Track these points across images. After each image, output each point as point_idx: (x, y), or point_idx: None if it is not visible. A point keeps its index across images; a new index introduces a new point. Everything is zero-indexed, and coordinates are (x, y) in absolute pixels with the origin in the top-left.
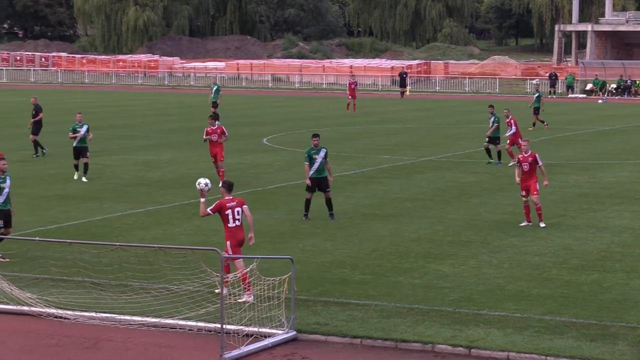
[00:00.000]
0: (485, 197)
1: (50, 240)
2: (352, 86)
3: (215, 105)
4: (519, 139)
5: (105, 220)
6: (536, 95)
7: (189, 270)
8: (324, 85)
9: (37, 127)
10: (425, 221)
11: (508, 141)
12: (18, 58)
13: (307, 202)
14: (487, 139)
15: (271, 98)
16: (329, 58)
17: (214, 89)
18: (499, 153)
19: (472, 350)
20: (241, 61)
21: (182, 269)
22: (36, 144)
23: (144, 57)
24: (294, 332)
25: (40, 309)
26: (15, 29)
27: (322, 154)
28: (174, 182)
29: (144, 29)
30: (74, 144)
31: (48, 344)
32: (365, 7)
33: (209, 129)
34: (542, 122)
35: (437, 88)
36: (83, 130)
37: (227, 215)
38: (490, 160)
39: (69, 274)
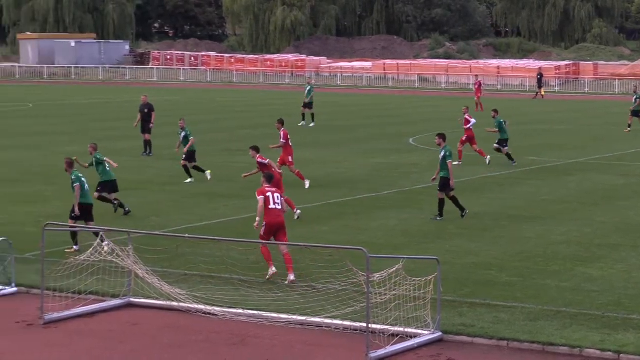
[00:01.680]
0: (635, 200)
1: (199, 238)
2: (477, 86)
3: (308, 106)
4: None
5: (253, 219)
6: (635, 97)
7: (335, 269)
8: (470, 86)
9: (146, 125)
10: (573, 224)
11: None
12: (168, 57)
13: (439, 202)
14: None
15: (417, 98)
16: (475, 58)
17: (307, 89)
18: None
19: (622, 355)
20: (388, 61)
21: (328, 268)
22: (147, 144)
23: (291, 57)
24: (440, 333)
25: (189, 305)
26: (165, 28)
27: (442, 153)
28: (319, 180)
29: (291, 29)
30: (187, 149)
31: (197, 339)
32: (513, 7)
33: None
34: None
35: (586, 89)
36: (182, 136)
37: (268, 198)
38: None
39: (218, 270)
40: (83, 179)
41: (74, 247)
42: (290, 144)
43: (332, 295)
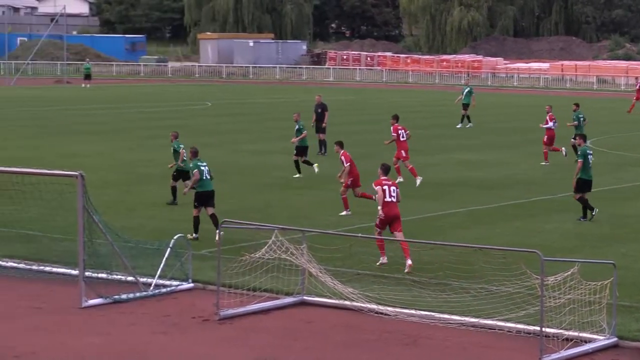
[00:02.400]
0: None
1: (372, 237)
2: (638, 87)
3: (465, 107)
4: None
5: (426, 219)
6: None
7: (509, 271)
8: None
9: (320, 125)
10: None
11: None
12: (345, 57)
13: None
14: None
15: (596, 100)
16: None
17: (466, 90)
18: None
19: None
20: (565, 62)
21: (501, 270)
22: (321, 143)
23: (467, 57)
24: (616, 339)
25: (362, 304)
26: (342, 28)
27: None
28: (495, 182)
29: (467, 29)
30: (298, 144)
31: (369, 339)
32: None
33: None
34: None
35: None
36: (296, 129)
37: (385, 191)
38: None
39: (390, 270)
40: (202, 167)
41: (194, 234)
42: (403, 139)
43: (505, 297)
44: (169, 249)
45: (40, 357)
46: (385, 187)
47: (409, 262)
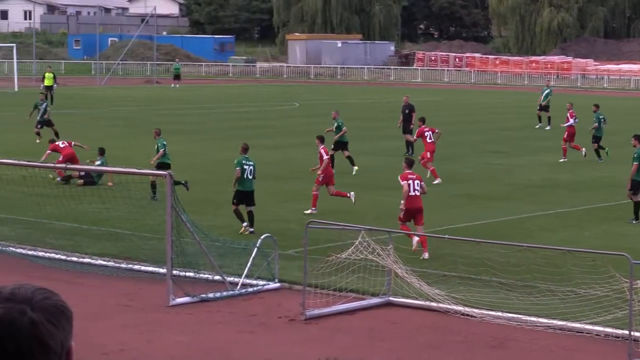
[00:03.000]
0: None
1: (459, 239)
2: None
3: (545, 109)
4: None
5: (514, 221)
6: None
7: (597, 274)
8: None
9: (407, 126)
10: None
11: None
12: (432, 58)
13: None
14: None
15: None
16: None
17: (546, 92)
18: None
19: None
20: None
21: (590, 273)
22: (409, 144)
23: (556, 59)
24: None
25: (448, 306)
26: (430, 29)
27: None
28: (584, 184)
29: (557, 31)
30: (338, 139)
31: (455, 340)
32: None
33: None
34: None
35: None
36: (334, 126)
37: (409, 185)
38: None
39: (477, 272)
40: (245, 166)
41: (243, 224)
42: (430, 140)
43: (593, 301)
44: (255, 249)
45: (129, 354)
46: (410, 182)
47: (426, 255)
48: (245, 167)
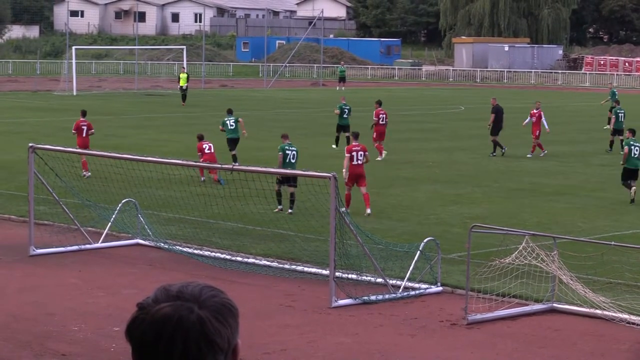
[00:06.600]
0: None
1: (625, 246)
2: None
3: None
4: None
5: None
6: None
7: None
8: None
9: (496, 127)
10: None
11: None
12: (601, 62)
13: None
14: None
15: None
16: None
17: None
18: None
19: None
20: None
21: None
22: (495, 144)
23: None
24: None
25: (613, 314)
26: (600, 33)
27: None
28: None
29: None
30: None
31: (619, 348)
32: None
33: None
34: None
35: None
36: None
37: (353, 156)
38: None
39: None
40: (288, 151)
41: (278, 207)
42: (382, 122)
43: None
44: (418, 252)
45: (291, 354)
46: (354, 152)
47: (369, 210)
48: (287, 152)
